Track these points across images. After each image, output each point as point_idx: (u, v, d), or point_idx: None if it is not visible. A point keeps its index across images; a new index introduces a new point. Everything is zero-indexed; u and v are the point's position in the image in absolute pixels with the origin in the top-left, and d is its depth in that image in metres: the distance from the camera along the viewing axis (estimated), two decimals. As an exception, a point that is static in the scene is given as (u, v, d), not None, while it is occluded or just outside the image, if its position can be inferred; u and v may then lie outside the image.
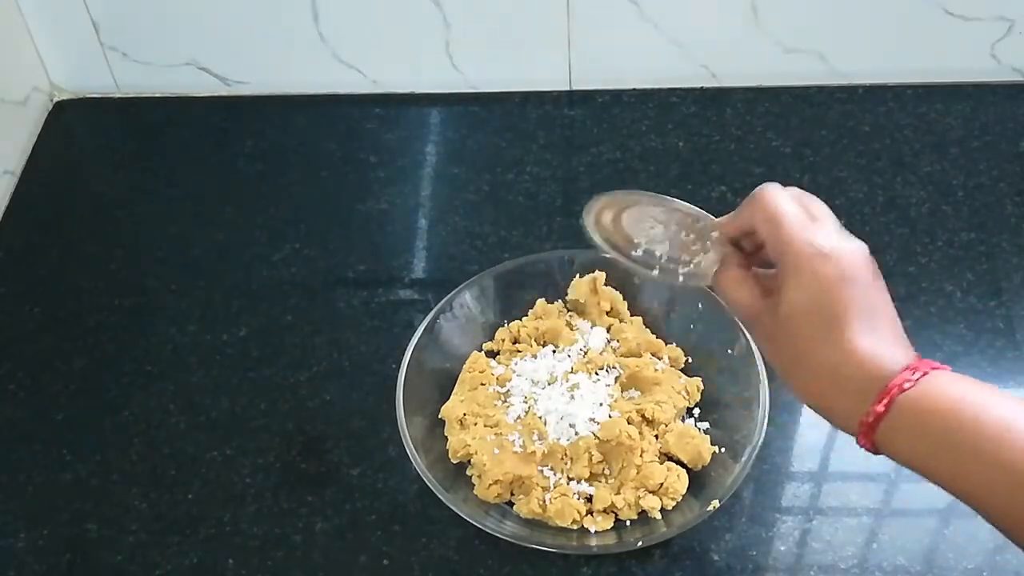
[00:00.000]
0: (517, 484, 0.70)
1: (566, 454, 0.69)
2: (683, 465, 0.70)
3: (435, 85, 0.98)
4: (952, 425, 0.48)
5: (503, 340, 0.77)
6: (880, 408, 0.50)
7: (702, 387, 0.74)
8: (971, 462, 0.48)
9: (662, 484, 0.68)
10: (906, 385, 0.50)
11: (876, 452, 0.52)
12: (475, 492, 0.69)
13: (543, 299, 0.78)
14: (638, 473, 0.69)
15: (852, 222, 0.86)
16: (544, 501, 0.69)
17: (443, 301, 0.76)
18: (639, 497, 0.68)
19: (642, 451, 0.69)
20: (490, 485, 0.69)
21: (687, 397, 0.73)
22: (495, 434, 0.71)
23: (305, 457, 0.74)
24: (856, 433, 0.51)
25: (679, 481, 0.69)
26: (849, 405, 0.51)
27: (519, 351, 0.76)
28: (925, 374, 0.50)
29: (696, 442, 0.70)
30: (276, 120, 0.98)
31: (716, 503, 0.66)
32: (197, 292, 0.84)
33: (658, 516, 0.68)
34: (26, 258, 0.88)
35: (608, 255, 0.60)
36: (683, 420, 0.73)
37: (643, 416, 0.70)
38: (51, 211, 0.92)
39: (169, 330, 0.82)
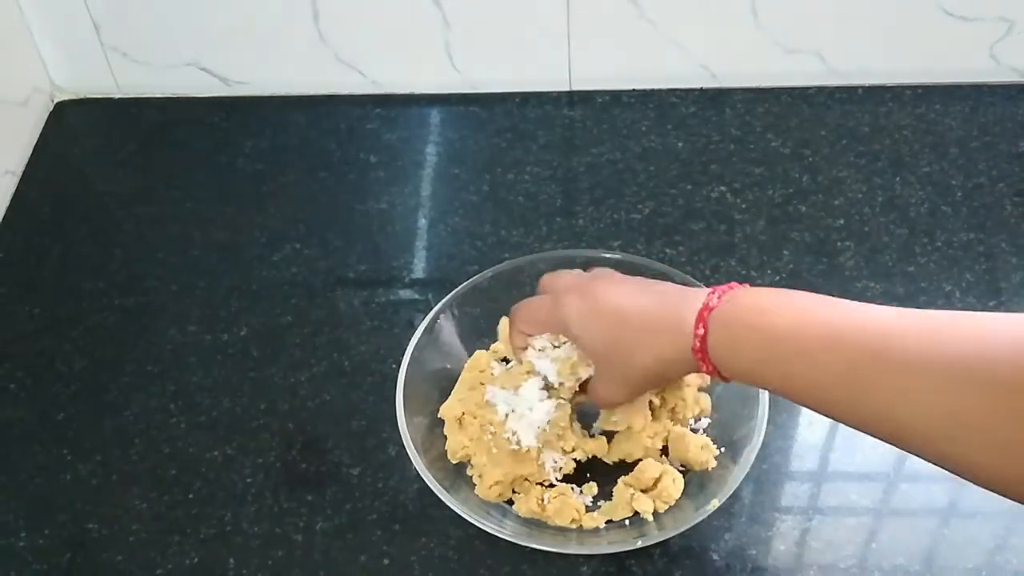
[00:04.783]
0: (518, 483, 0.70)
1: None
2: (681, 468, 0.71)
3: (435, 85, 0.98)
4: (769, 329, 0.55)
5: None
6: (700, 329, 0.57)
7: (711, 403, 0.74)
8: (791, 356, 0.54)
9: (656, 484, 0.68)
10: (712, 303, 0.57)
11: (720, 375, 0.58)
12: (476, 492, 0.69)
13: None
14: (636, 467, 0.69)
15: (851, 222, 0.86)
16: (543, 500, 0.69)
17: (443, 301, 0.76)
18: (632, 496, 0.68)
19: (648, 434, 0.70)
20: (491, 486, 0.69)
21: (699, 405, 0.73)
22: (491, 433, 0.71)
23: (305, 457, 0.74)
24: (697, 361, 0.58)
25: (674, 485, 0.69)
26: (678, 346, 0.59)
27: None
28: (725, 292, 0.58)
29: (706, 453, 0.70)
30: (276, 120, 0.98)
31: (716, 502, 0.66)
32: (198, 292, 0.85)
33: (650, 519, 0.68)
34: (27, 258, 0.88)
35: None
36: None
37: (663, 399, 0.71)
38: (52, 211, 0.92)
39: (169, 330, 0.82)
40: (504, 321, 0.75)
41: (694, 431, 0.72)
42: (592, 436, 0.71)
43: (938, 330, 0.49)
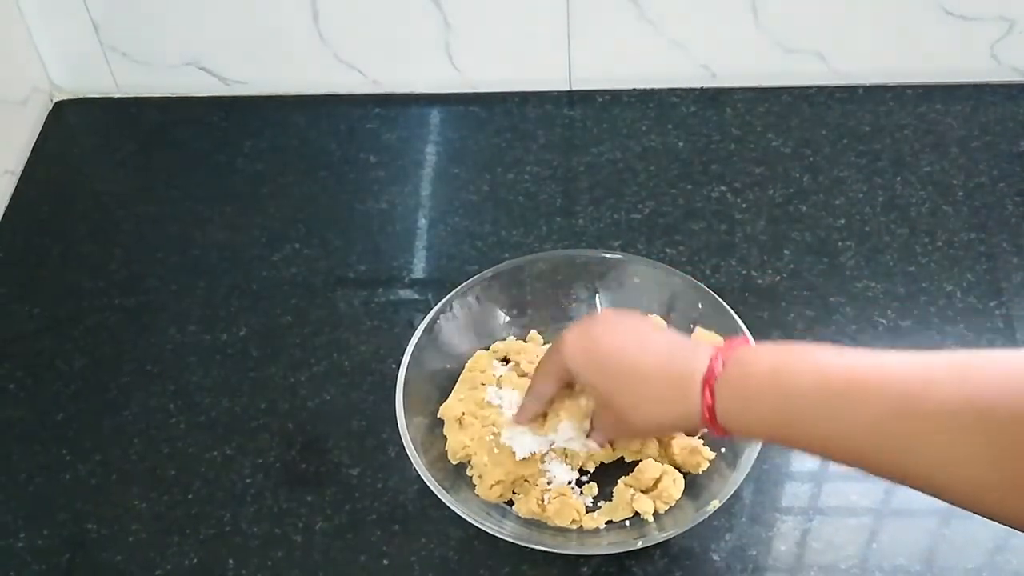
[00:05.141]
0: (518, 484, 0.70)
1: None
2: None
3: (435, 85, 0.98)
4: (779, 388, 0.54)
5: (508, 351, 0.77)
6: (708, 399, 0.56)
7: None
8: (797, 413, 0.53)
9: (656, 485, 0.68)
10: (717, 370, 0.56)
11: (729, 435, 0.58)
12: (476, 492, 0.69)
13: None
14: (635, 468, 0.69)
15: (852, 222, 0.86)
16: (543, 501, 0.69)
17: (443, 301, 0.76)
18: (632, 497, 0.68)
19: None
20: (492, 486, 0.69)
21: None
22: (493, 433, 0.71)
23: (305, 457, 0.74)
24: (706, 427, 0.57)
25: (675, 486, 0.69)
26: (686, 413, 0.58)
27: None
28: (728, 353, 0.57)
29: (698, 458, 0.70)
30: (276, 120, 0.98)
31: (716, 503, 0.66)
32: (197, 292, 0.84)
33: (650, 519, 0.68)
34: (26, 258, 0.88)
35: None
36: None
37: None
38: (51, 211, 0.92)
39: (169, 330, 0.82)
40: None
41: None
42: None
43: (963, 374, 0.47)
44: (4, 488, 0.73)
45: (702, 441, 0.71)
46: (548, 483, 0.69)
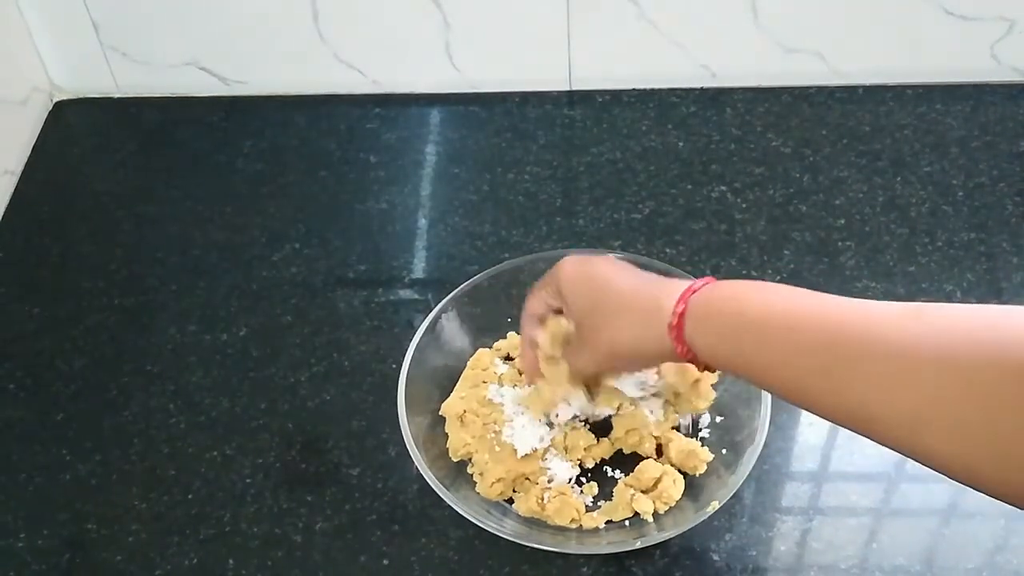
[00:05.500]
0: (519, 482, 0.70)
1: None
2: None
3: (435, 85, 0.98)
4: (740, 313, 0.56)
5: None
6: (680, 308, 0.58)
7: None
8: (762, 341, 0.55)
9: (656, 485, 0.68)
10: (695, 287, 0.59)
11: (694, 358, 0.59)
12: (477, 490, 0.69)
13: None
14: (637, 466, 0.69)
15: (852, 222, 0.86)
16: (543, 499, 0.69)
17: (445, 300, 0.76)
18: (632, 497, 0.68)
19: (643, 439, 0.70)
20: (493, 484, 0.69)
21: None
22: (494, 431, 0.71)
23: (305, 457, 0.74)
24: (672, 341, 0.59)
25: (675, 486, 0.69)
26: (653, 324, 0.59)
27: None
28: (711, 281, 0.59)
29: (696, 460, 0.70)
30: (276, 120, 0.98)
31: (716, 504, 0.66)
32: (197, 292, 0.85)
33: (650, 519, 0.68)
34: (26, 257, 0.88)
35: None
36: (685, 422, 0.73)
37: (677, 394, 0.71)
38: (51, 211, 0.92)
39: (169, 330, 0.82)
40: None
41: (697, 430, 0.72)
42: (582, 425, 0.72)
43: (906, 319, 0.49)
44: (4, 488, 0.74)
45: (700, 443, 0.71)
46: (549, 481, 0.69)
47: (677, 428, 0.72)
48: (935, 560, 0.67)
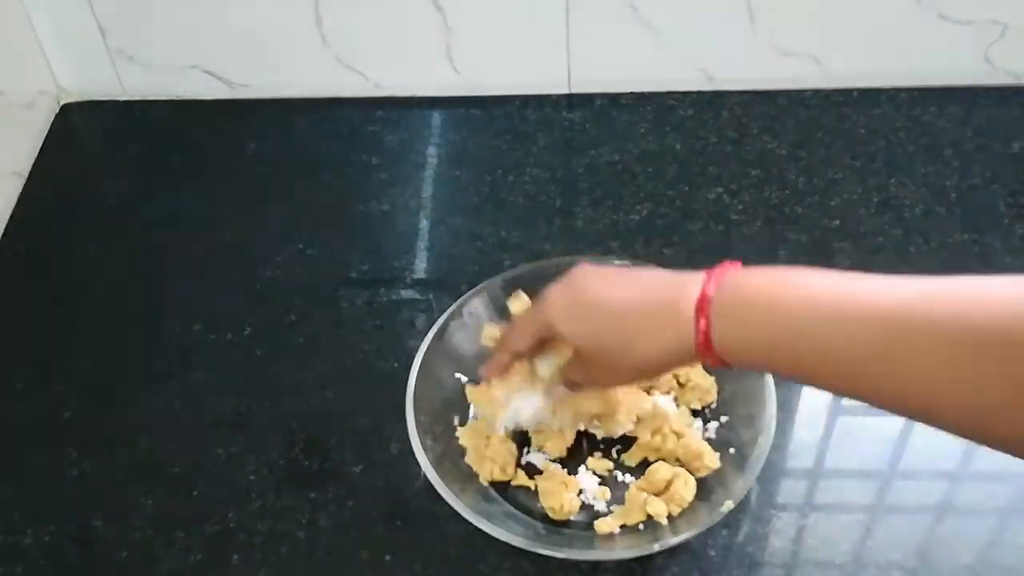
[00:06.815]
0: (508, 465, 0.71)
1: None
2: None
3: (436, 88, 0.99)
4: (772, 311, 0.52)
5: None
6: (703, 325, 0.54)
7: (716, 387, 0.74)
8: (797, 329, 0.51)
9: (668, 487, 0.69)
10: (709, 292, 0.54)
11: (727, 365, 0.55)
12: (466, 460, 0.71)
13: None
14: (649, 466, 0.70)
15: (847, 223, 0.87)
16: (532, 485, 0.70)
17: (453, 306, 0.76)
18: (645, 500, 0.68)
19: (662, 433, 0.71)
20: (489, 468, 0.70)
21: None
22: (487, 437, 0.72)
23: (308, 455, 0.75)
24: (702, 357, 0.55)
25: (686, 488, 0.69)
26: (680, 339, 0.55)
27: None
28: (720, 277, 0.55)
29: (699, 463, 0.70)
30: (279, 123, 0.98)
31: (731, 503, 0.66)
32: (203, 292, 0.85)
33: (664, 522, 0.67)
34: (34, 259, 0.89)
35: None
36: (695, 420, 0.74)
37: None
38: (57, 213, 0.93)
39: (175, 330, 0.83)
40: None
41: (705, 426, 0.73)
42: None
43: (960, 298, 0.46)
44: (11, 485, 0.74)
45: (706, 445, 0.71)
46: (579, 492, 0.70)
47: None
48: (929, 556, 0.68)
